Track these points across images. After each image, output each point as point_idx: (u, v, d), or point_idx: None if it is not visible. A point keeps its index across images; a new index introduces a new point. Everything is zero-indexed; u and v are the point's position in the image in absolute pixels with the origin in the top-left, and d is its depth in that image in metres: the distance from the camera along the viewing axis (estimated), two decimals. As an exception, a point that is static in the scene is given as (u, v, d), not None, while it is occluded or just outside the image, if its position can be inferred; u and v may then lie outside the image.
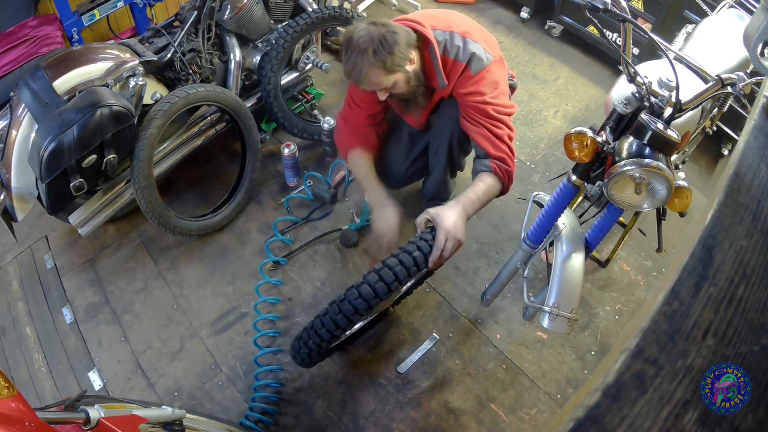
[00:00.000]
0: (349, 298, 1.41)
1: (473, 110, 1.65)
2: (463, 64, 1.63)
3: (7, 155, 1.77)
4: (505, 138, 1.65)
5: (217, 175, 2.42)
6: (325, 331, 1.46)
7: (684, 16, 2.43)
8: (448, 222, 1.51)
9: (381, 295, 1.40)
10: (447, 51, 1.64)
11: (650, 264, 2.10)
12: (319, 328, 1.47)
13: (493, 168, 1.64)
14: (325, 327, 1.45)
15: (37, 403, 1.79)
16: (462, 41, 1.63)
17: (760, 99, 0.84)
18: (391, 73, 1.55)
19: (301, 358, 1.59)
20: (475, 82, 1.64)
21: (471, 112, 1.66)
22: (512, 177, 1.69)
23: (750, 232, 0.63)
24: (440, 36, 1.64)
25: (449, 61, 1.64)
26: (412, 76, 1.61)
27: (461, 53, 1.63)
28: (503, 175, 1.65)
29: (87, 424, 0.98)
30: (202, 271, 2.12)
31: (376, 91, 1.61)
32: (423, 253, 1.47)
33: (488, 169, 1.64)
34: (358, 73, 1.53)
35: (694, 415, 0.48)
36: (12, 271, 2.21)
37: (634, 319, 1.65)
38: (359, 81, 1.56)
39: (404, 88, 1.62)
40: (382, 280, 1.40)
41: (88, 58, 1.82)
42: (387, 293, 1.41)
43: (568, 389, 1.78)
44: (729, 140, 2.43)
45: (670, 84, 1.21)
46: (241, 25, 2.20)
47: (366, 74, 1.53)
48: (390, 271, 1.41)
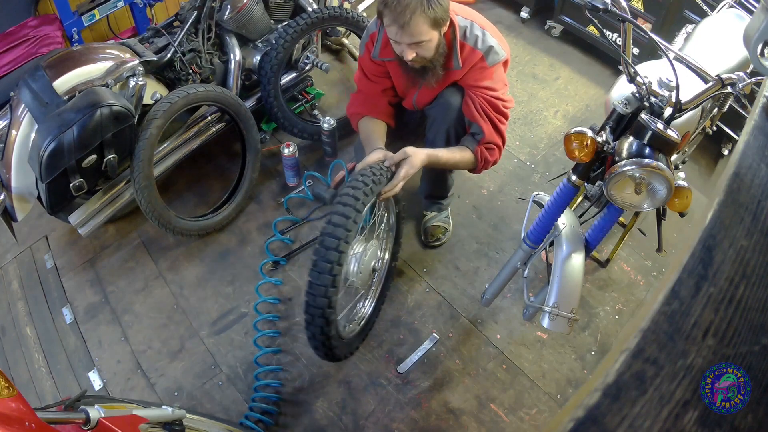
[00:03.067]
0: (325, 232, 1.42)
1: (485, 102, 1.72)
2: (480, 53, 1.67)
3: (7, 155, 1.77)
4: (503, 132, 1.78)
5: (217, 175, 2.42)
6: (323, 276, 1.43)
7: (684, 16, 2.43)
8: (415, 160, 1.61)
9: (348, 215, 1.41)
10: (466, 37, 1.68)
11: (650, 264, 2.10)
12: (313, 292, 1.45)
13: (477, 151, 1.76)
14: (321, 283, 1.43)
15: (37, 403, 1.79)
16: (481, 32, 1.68)
17: (760, 99, 0.83)
18: (433, 28, 1.55)
19: (321, 343, 1.55)
20: (489, 75, 1.71)
21: (483, 104, 1.72)
22: (489, 165, 1.82)
23: (750, 232, 0.63)
24: (461, 21, 1.68)
25: (467, 48, 1.68)
26: (441, 42, 1.63)
27: (480, 43, 1.67)
28: (481, 160, 1.77)
29: (87, 424, 0.98)
30: (202, 271, 2.12)
31: (406, 45, 1.57)
32: (375, 173, 1.50)
33: (472, 149, 1.76)
34: (405, 16, 1.49)
35: (694, 415, 0.48)
36: (12, 271, 2.21)
37: (634, 319, 1.65)
38: (402, 24, 1.50)
39: (431, 52, 1.62)
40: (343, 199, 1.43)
41: (88, 58, 1.82)
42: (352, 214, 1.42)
43: (568, 389, 1.78)
44: (729, 140, 2.43)
45: (670, 84, 1.21)
46: (241, 25, 2.20)
47: (413, 20, 1.50)
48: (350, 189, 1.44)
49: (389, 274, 1.95)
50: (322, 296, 1.44)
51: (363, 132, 1.86)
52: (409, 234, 2.19)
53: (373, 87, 1.87)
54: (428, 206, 2.16)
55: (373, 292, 1.91)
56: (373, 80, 1.86)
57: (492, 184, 2.36)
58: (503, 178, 2.39)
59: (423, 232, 2.16)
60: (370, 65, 1.84)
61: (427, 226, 2.14)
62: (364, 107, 1.88)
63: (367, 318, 1.87)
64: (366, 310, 1.89)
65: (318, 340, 1.54)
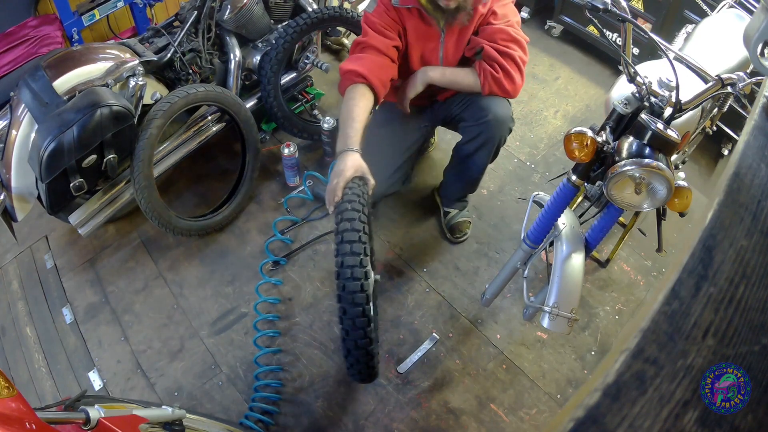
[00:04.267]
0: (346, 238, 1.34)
1: (494, 32, 1.71)
2: None
3: (7, 155, 1.77)
4: (513, 55, 1.71)
5: (217, 175, 2.42)
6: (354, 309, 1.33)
7: (684, 16, 2.43)
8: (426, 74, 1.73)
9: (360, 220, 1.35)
10: None
11: (650, 264, 2.10)
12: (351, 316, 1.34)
13: (477, 65, 1.74)
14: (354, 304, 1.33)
15: (37, 403, 1.79)
16: None
17: (760, 99, 0.83)
18: None
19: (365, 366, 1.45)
20: (504, 4, 1.74)
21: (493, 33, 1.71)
22: (502, 86, 1.74)
23: (750, 232, 0.63)
24: None
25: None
26: None
27: None
28: (481, 73, 1.74)
29: (87, 424, 0.98)
30: (202, 271, 2.12)
31: None
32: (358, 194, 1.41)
33: (476, 71, 1.75)
34: None
35: (694, 415, 0.48)
36: (12, 271, 2.21)
37: (634, 319, 1.65)
38: None
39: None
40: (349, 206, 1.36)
41: (88, 58, 1.82)
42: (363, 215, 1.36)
43: (568, 389, 1.78)
44: (729, 140, 2.43)
45: (670, 84, 1.21)
46: (241, 25, 2.20)
47: None
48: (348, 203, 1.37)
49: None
50: (360, 317, 1.34)
51: (347, 103, 1.62)
52: (409, 233, 2.20)
53: (381, 42, 1.70)
54: (452, 204, 2.16)
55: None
56: (383, 33, 1.71)
57: (492, 184, 2.36)
58: (503, 178, 2.39)
59: (449, 230, 2.16)
60: (385, 17, 1.71)
61: (452, 223, 2.14)
62: (363, 66, 1.65)
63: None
64: None
65: (362, 364, 1.44)
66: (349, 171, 1.43)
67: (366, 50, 1.70)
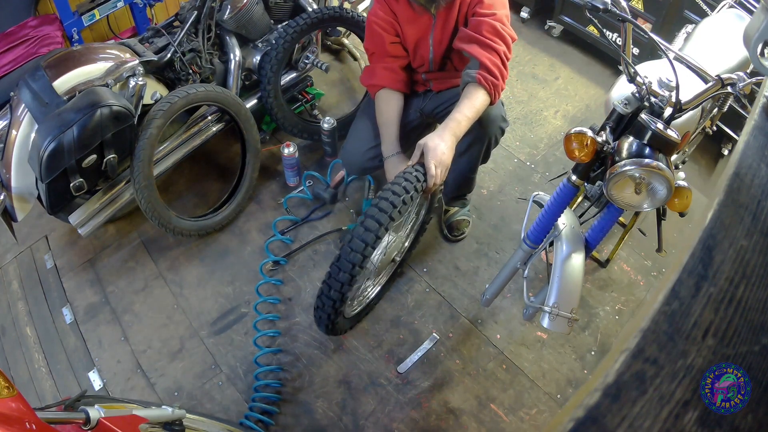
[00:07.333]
0: (356, 235, 1.43)
1: (479, 24, 1.65)
2: None
3: (7, 155, 1.77)
4: (499, 50, 1.65)
5: (217, 175, 2.42)
6: (342, 274, 1.45)
7: (684, 16, 2.43)
8: (437, 151, 1.54)
9: (383, 222, 1.43)
10: None
11: (650, 264, 2.10)
12: (336, 273, 1.46)
13: (479, 79, 1.62)
14: (341, 270, 1.45)
15: (37, 403, 1.79)
16: None
17: (760, 99, 0.83)
18: None
19: (327, 316, 1.57)
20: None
21: (479, 26, 1.65)
22: (499, 90, 1.68)
23: (750, 232, 0.63)
24: None
25: None
26: None
27: None
28: (489, 86, 1.64)
29: (87, 424, 0.98)
30: (202, 271, 2.12)
31: None
32: (411, 182, 1.49)
33: (474, 80, 1.63)
34: None
35: (694, 415, 0.48)
36: (12, 271, 2.21)
37: (634, 319, 1.65)
38: None
39: None
40: (379, 209, 1.44)
41: (88, 58, 1.81)
42: (388, 221, 1.44)
43: (568, 389, 1.78)
44: (729, 140, 2.43)
45: (670, 84, 1.21)
46: (241, 25, 2.19)
47: None
48: (386, 201, 1.44)
49: (398, 266, 1.99)
50: (347, 272, 1.45)
51: (380, 111, 1.82)
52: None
53: (385, 43, 1.79)
54: (451, 202, 2.17)
55: (380, 280, 1.95)
56: (385, 32, 1.78)
57: (492, 184, 2.36)
58: (503, 178, 2.39)
59: (447, 227, 2.17)
60: (380, 13, 1.78)
61: (452, 220, 2.15)
62: (380, 77, 1.82)
63: (368, 302, 1.91)
64: (370, 294, 1.93)
65: (325, 312, 1.56)
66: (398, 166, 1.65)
67: (374, 58, 1.86)
